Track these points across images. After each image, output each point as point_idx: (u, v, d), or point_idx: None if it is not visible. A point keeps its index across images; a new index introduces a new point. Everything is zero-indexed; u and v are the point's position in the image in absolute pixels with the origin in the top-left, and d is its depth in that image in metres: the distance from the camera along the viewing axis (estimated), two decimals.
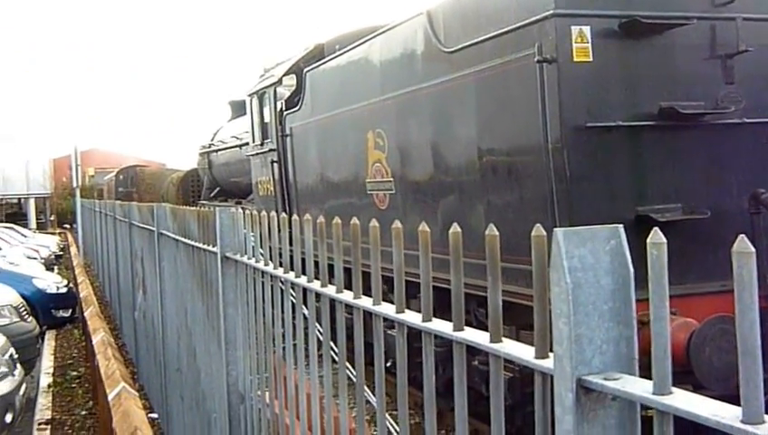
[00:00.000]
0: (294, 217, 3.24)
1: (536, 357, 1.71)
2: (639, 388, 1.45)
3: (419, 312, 2.19)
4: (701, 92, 6.18)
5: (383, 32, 8.78)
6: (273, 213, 3.60)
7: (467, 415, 2.03)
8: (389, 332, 4.40)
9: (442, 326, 2.09)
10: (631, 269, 1.56)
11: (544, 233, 1.66)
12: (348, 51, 9.87)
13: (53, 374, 11.87)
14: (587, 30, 5.79)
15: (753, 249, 1.16)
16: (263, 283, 3.71)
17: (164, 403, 7.47)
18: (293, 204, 11.82)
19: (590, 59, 5.80)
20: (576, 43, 5.74)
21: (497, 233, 1.89)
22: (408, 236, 2.41)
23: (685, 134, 6.17)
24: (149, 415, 7.38)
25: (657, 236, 1.41)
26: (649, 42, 6.06)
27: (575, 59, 5.77)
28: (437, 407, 2.18)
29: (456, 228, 2.01)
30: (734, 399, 1.30)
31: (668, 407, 1.36)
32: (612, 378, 1.51)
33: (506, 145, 6.61)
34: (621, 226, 1.59)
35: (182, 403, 6.25)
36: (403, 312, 2.31)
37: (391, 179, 8.60)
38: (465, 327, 2.02)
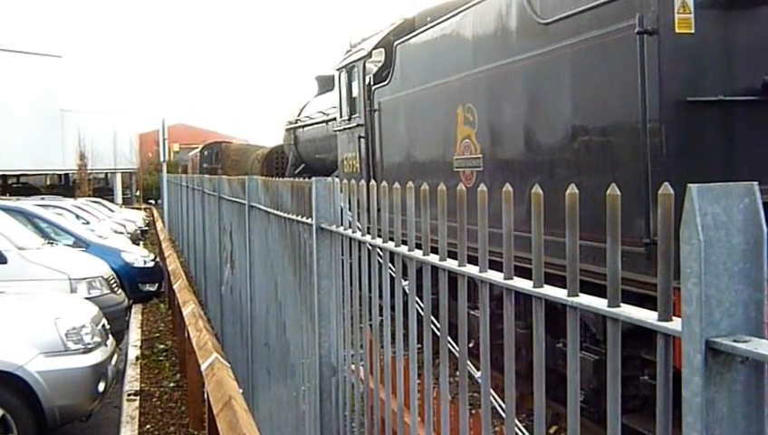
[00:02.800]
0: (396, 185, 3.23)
1: (659, 320, 1.68)
2: None
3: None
4: None
5: (476, 3, 8.65)
6: (373, 182, 3.60)
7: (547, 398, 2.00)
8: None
9: (555, 292, 2.06)
10: (765, 229, 1.51)
11: (671, 191, 1.63)
12: (439, 23, 9.77)
13: (141, 347, 12.15)
14: (690, 0, 5.62)
15: None
16: (359, 254, 3.71)
17: (249, 378, 7.57)
18: (379, 181, 11.79)
19: (693, 30, 5.63)
20: (679, 13, 5.58)
21: (618, 193, 1.84)
22: (494, 215, 2.37)
23: None
24: None
25: None
26: (755, 13, 5.85)
27: (677, 30, 5.61)
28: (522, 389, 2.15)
29: (573, 189, 1.97)
30: None
31: None
32: (742, 340, 1.47)
33: (602, 122, 6.48)
34: (756, 183, 1.54)
35: (269, 377, 6.33)
36: (511, 278, 2.28)
37: (480, 156, 8.51)
38: (580, 293, 1.99)
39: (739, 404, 1.54)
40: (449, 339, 2.75)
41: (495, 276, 2.33)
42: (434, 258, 2.76)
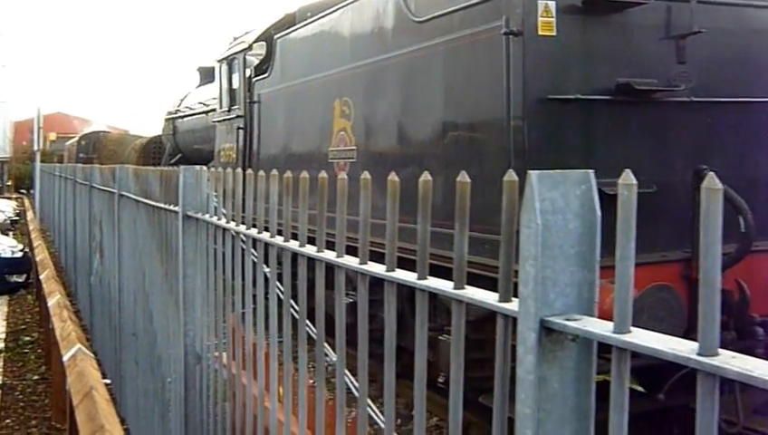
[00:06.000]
0: (261, 172, 3.23)
1: (500, 301, 1.74)
2: (600, 327, 1.48)
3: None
4: (654, 70, 6.35)
5: (355, 0, 8.75)
6: (239, 169, 3.59)
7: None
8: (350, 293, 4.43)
9: (406, 276, 2.12)
10: (599, 214, 1.60)
11: (516, 178, 1.69)
12: (319, 18, 9.83)
13: (5, 340, 11.72)
14: (552, 5, 5.90)
15: (721, 186, 1.19)
16: (223, 241, 3.70)
17: (117, 369, 7.42)
18: (255, 172, 11.74)
19: (554, 33, 5.89)
20: (542, 17, 5.83)
21: (468, 180, 1.91)
22: (374, 206, 2.42)
23: (637, 110, 6.34)
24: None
25: (628, 178, 1.44)
26: (609, 19, 6.20)
27: (540, 33, 5.85)
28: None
29: (426, 176, 2.03)
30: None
31: (628, 344, 1.40)
32: (573, 319, 1.54)
33: (470, 118, 6.67)
34: (592, 171, 1.62)
35: (137, 368, 6.22)
36: (366, 263, 2.33)
37: (354, 148, 8.60)
38: (429, 276, 2.05)
39: (570, 381, 1.61)
40: (307, 322, 2.78)
41: (351, 261, 2.37)
42: (293, 244, 2.78)
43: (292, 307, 2.99)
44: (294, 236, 2.78)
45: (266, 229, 3.10)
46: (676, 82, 6.35)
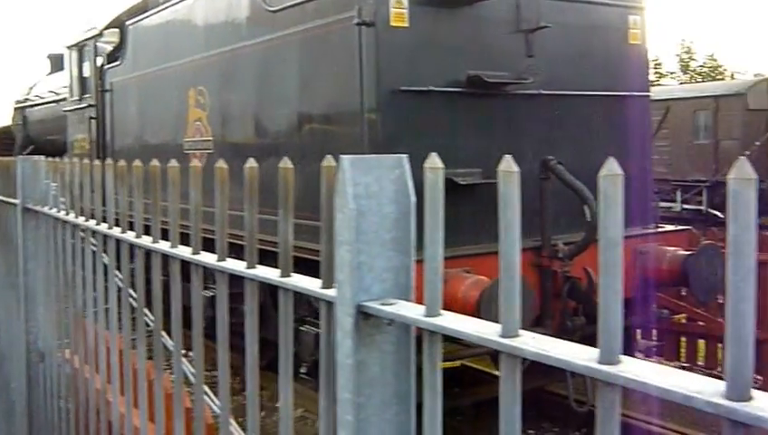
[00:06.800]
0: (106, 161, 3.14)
1: (323, 287, 1.75)
2: (413, 311, 1.51)
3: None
4: (505, 64, 6.53)
5: None
6: (76, 160, 3.47)
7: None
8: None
9: (236, 265, 2.10)
10: (413, 199, 1.61)
11: (333, 163, 1.70)
12: (172, 5, 9.58)
13: None
14: None
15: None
16: (64, 234, 3.58)
17: None
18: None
19: (407, 24, 5.95)
20: (394, 8, 5.88)
21: (291, 166, 1.90)
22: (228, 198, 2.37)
23: (488, 102, 6.51)
24: None
25: (433, 161, 1.46)
26: (461, 12, 6.32)
27: (392, 23, 5.90)
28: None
29: (252, 163, 2.01)
30: None
31: (437, 326, 1.43)
32: (389, 303, 1.56)
33: (325, 109, 6.67)
34: (406, 155, 1.64)
35: None
36: (199, 253, 2.30)
37: (211, 139, 8.46)
38: (258, 265, 2.03)
39: (390, 364, 1.63)
40: (146, 311, 2.72)
41: (184, 252, 2.33)
42: (130, 235, 2.71)
43: (131, 297, 2.92)
44: (133, 226, 2.72)
45: (105, 220, 3.01)
46: (525, 75, 6.55)
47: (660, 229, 7.36)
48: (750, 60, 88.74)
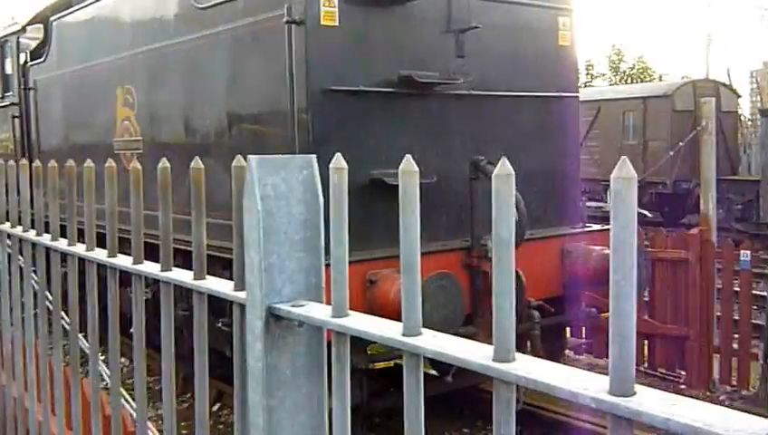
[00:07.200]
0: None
1: (235, 289, 1.74)
2: (322, 313, 1.51)
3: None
4: (436, 64, 6.54)
5: None
6: None
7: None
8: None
9: (151, 268, 2.07)
10: (321, 199, 1.61)
11: (243, 163, 1.68)
12: (97, 0, 9.39)
13: None
14: None
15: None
16: None
17: None
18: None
19: (337, 23, 5.93)
20: (324, 6, 5.85)
21: (202, 166, 1.89)
22: (151, 198, 2.33)
23: (420, 102, 6.52)
24: None
25: (337, 162, 1.46)
26: (393, 11, 6.31)
27: (323, 22, 5.87)
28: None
29: (164, 163, 1.99)
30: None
31: (344, 327, 1.43)
32: (299, 305, 1.55)
33: (256, 109, 6.61)
34: (314, 156, 1.64)
35: None
36: (115, 256, 2.26)
37: (140, 138, 8.32)
38: (174, 268, 2.01)
39: (302, 367, 1.63)
40: (63, 314, 2.68)
41: (100, 255, 2.30)
42: (46, 238, 2.66)
43: (48, 301, 2.85)
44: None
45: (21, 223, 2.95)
46: (456, 75, 6.58)
47: (587, 229, 7.47)
48: (677, 62, 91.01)
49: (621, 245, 0.91)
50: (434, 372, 6.40)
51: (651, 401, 0.88)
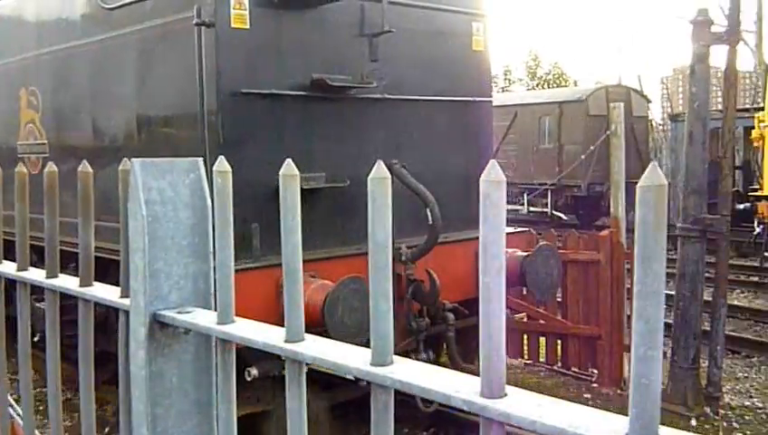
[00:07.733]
0: None
1: (121, 296, 1.68)
2: (209, 320, 1.47)
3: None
4: (349, 67, 6.52)
5: None
6: None
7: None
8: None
9: (36, 276, 2.00)
10: (209, 203, 1.57)
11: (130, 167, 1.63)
12: None
13: None
14: None
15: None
16: None
17: None
18: None
19: (248, 26, 5.86)
20: (234, 9, 5.78)
21: (90, 170, 1.82)
22: (63, 204, 2.25)
23: (333, 106, 6.49)
24: None
25: (222, 165, 1.43)
26: (305, 15, 6.27)
27: (233, 25, 5.80)
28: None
29: (51, 167, 1.92)
30: None
31: (228, 335, 1.39)
32: (185, 311, 1.51)
33: (165, 111, 6.49)
34: (201, 159, 1.60)
35: None
36: (0, 262, 2.18)
37: (45, 142, 8.08)
38: (60, 274, 1.94)
39: (189, 374, 1.58)
40: None
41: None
42: None
43: None
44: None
45: None
46: (369, 79, 6.58)
47: None
48: (591, 68, 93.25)
49: (490, 247, 0.90)
50: (352, 378, 6.37)
51: (520, 403, 0.88)
